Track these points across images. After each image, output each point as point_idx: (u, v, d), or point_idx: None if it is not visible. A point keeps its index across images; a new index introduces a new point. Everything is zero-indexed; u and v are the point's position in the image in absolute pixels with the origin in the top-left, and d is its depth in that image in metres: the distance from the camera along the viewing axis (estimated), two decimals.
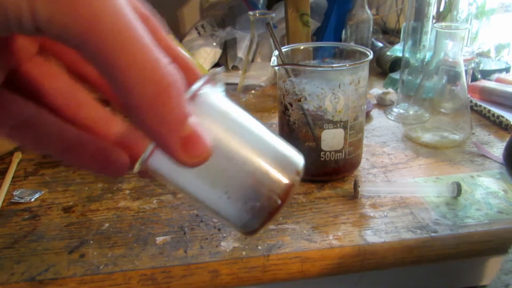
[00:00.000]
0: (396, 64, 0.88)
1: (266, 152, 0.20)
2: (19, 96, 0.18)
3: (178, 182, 0.20)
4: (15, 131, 0.18)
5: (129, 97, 0.14)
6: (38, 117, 0.18)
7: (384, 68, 0.91)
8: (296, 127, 0.50)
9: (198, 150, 0.15)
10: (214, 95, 0.19)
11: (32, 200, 0.51)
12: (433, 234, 0.42)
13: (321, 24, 0.99)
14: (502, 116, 0.66)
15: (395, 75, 0.81)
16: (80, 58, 0.19)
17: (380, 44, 0.98)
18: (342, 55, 0.54)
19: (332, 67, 0.48)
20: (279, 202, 0.21)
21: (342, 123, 0.49)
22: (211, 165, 0.18)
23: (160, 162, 0.18)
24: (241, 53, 0.95)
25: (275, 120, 0.71)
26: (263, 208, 0.20)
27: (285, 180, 0.21)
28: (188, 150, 0.15)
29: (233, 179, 0.19)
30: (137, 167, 0.18)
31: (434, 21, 0.71)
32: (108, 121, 0.20)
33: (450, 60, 0.59)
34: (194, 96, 0.17)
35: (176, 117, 0.14)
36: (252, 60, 0.78)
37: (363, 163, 0.56)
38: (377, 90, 0.79)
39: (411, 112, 0.65)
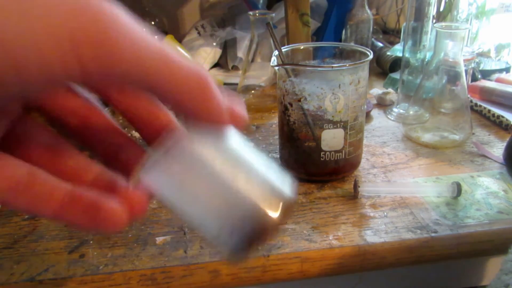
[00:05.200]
0: (396, 64, 0.88)
1: (253, 189, 0.20)
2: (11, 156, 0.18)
3: (175, 200, 0.20)
4: (7, 194, 0.17)
5: (187, 103, 0.17)
6: (30, 177, 0.18)
7: (384, 68, 0.91)
8: (296, 127, 0.50)
9: (239, 118, 0.19)
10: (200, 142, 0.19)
11: None
12: (433, 234, 0.42)
13: (321, 24, 0.99)
14: (502, 116, 0.66)
15: (395, 75, 0.81)
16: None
17: (380, 44, 0.98)
18: (342, 55, 0.54)
19: (332, 67, 0.47)
20: (261, 238, 0.21)
21: (342, 123, 0.49)
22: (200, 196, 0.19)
23: (158, 178, 0.19)
24: (241, 53, 0.95)
25: (275, 120, 0.71)
26: (241, 239, 0.20)
27: (268, 219, 0.20)
28: (232, 120, 0.19)
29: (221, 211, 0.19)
30: (133, 181, 0.19)
31: (434, 21, 0.71)
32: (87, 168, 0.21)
33: (450, 60, 0.59)
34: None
35: (215, 97, 0.18)
36: (252, 60, 0.79)
37: (363, 163, 0.56)
38: (377, 90, 0.79)
39: (411, 112, 0.65)
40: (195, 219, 0.20)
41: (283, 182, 0.21)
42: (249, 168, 0.20)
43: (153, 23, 1.08)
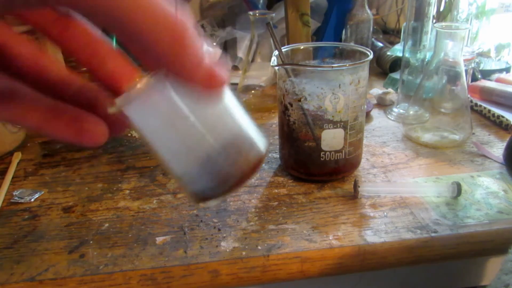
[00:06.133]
0: (396, 64, 0.88)
1: (245, 125, 0.21)
2: None
3: (155, 131, 0.20)
4: None
5: (153, 49, 0.16)
6: (12, 88, 0.18)
7: (384, 68, 0.91)
8: (296, 127, 0.50)
9: (217, 81, 0.17)
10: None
11: (32, 200, 0.51)
12: (433, 234, 0.42)
13: (321, 24, 0.99)
14: (502, 116, 0.66)
15: (395, 75, 0.81)
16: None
17: (380, 44, 0.98)
18: (342, 55, 0.54)
19: (332, 67, 0.47)
20: (248, 173, 0.21)
21: (342, 123, 0.49)
22: (192, 126, 0.19)
23: (139, 110, 0.19)
24: (241, 53, 0.95)
25: (275, 120, 0.71)
26: (230, 175, 0.21)
27: (259, 151, 0.21)
28: (211, 80, 0.17)
29: (210, 142, 0.20)
30: (113, 108, 0.18)
31: (434, 21, 0.71)
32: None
33: (450, 60, 0.59)
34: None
35: (197, 56, 0.17)
36: (252, 60, 0.79)
37: (363, 163, 0.56)
38: (377, 90, 0.79)
39: (411, 112, 0.65)
40: (171, 156, 0.20)
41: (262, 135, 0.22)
42: (235, 112, 0.21)
43: None
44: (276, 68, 0.49)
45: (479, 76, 0.79)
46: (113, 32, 0.16)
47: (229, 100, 0.20)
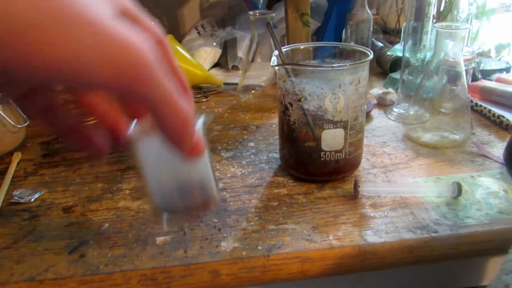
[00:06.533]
0: (396, 64, 0.88)
1: (204, 178, 0.31)
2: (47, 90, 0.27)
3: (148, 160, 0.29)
4: (42, 112, 0.27)
5: (166, 128, 0.23)
6: (54, 106, 0.27)
7: (384, 68, 0.91)
8: (296, 127, 0.50)
9: (197, 149, 0.26)
10: None
11: (32, 200, 0.51)
12: (433, 234, 0.42)
13: (321, 24, 0.99)
14: (503, 116, 0.66)
15: (395, 75, 0.81)
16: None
17: (380, 44, 0.98)
18: (342, 55, 0.54)
19: (332, 67, 0.47)
20: (193, 208, 0.31)
21: (342, 123, 0.49)
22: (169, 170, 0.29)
23: (141, 146, 0.28)
24: (241, 53, 0.95)
25: (275, 120, 0.71)
26: (180, 206, 0.31)
27: (207, 199, 0.31)
28: (193, 149, 0.25)
29: (177, 179, 0.30)
30: (125, 134, 0.28)
31: (434, 21, 0.71)
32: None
33: (451, 60, 0.59)
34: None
35: (188, 132, 0.24)
36: (252, 60, 0.78)
37: (363, 163, 0.56)
38: (377, 90, 0.79)
39: (411, 112, 0.65)
40: (155, 180, 0.30)
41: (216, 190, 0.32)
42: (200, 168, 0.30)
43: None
44: (276, 68, 0.49)
45: (479, 76, 0.79)
46: (135, 102, 0.25)
47: (202, 160, 0.29)
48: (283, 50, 0.51)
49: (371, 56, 0.48)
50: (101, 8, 0.19)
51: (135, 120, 0.28)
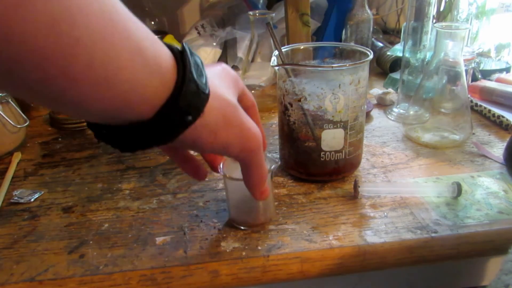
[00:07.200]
0: (396, 64, 0.88)
1: (266, 206, 0.45)
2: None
3: (230, 188, 0.44)
4: (178, 158, 0.39)
5: (250, 180, 0.36)
6: (183, 154, 0.40)
7: (384, 68, 0.91)
8: (296, 127, 0.50)
9: (265, 195, 0.38)
10: None
11: (32, 200, 0.51)
12: (433, 235, 0.42)
13: (321, 24, 0.99)
14: (503, 116, 0.66)
15: (395, 75, 0.81)
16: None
17: (380, 44, 0.98)
18: (342, 55, 0.54)
19: (332, 67, 0.47)
20: (255, 224, 0.45)
21: (342, 123, 0.49)
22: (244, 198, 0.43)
23: (229, 181, 0.43)
24: (241, 53, 0.95)
25: (275, 120, 0.71)
26: (249, 222, 0.45)
27: (265, 219, 0.46)
28: (262, 194, 0.38)
29: (248, 205, 0.45)
30: (219, 171, 0.42)
31: (434, 21, 0.71)
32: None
33: (451, 60, 0.59)
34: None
35: (263, 185, 0.37)
36: (252, 60, 0.79)
37: (363, 163, 0.56)
38: (377, 90, 0.79)
39: (411, 112, 0.65)
40: (234, 203, 0.45)
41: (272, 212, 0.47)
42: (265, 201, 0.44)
43: (153, 23, 1.08)
44: (276, 68, 0.49)
45: (479, 76, 0.79)
46: (238, 161, 0.35)
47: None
48: (283, 50, 0.51)
49: (371, 56, 0.48)
50: (235, 100, 0.32)
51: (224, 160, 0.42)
